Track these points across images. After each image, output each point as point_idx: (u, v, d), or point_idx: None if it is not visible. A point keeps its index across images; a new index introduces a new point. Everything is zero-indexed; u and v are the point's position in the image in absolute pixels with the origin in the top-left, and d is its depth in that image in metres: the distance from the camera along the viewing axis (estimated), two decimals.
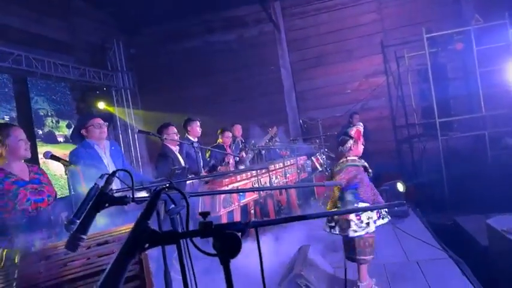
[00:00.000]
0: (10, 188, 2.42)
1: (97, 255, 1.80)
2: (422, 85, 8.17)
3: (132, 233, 0.77)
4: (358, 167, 3.45)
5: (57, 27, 7.48)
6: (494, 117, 7.07)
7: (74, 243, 1.19)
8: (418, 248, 4.41)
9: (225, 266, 0.88)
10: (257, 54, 9.16)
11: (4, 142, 2.47)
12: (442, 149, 7.22)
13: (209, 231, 0.87)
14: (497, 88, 7.06)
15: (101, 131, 3.47)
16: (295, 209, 6.06)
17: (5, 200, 2.37)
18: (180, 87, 9.41)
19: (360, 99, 8.81)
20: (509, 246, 3.59)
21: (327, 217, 3.52)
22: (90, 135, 3.44)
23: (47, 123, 6.80)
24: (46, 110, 6.81)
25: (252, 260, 1.12)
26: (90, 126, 3.44)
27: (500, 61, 6.95)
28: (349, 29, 8.83)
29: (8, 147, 2.48)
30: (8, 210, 2.37)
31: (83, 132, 3.45)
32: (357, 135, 3.57)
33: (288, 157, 6.00)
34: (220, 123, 6.69)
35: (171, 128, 4.51)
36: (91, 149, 3.41)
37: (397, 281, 3.65)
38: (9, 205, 2.39)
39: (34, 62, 6.29)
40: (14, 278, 1.60)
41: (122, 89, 9.06)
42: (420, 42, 7.31)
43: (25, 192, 2.46)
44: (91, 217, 1.22)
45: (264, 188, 4.61)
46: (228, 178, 4.20)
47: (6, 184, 2.42)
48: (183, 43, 9.65)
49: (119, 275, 0.74)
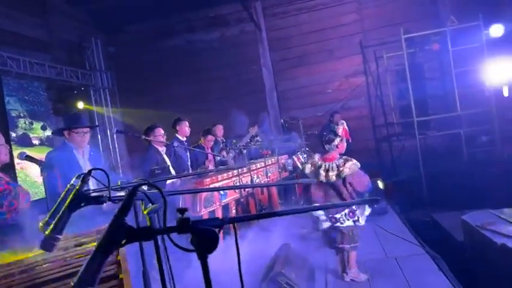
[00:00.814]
0: (9, 188, 2.38)
1: (74, 256, 1.78)
2: (400, 85, 8.35)
3: (109, 229, 0.77)
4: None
5: (33, 25, 7.29)
6: (469, 116, 7.28)
7: (50, 242, 1.17)
8: (396, 245, 4.50)
9: (203, 261, 0.88)
10: (239, 53, 9.16)
11: None
12: (420, 147, 7.38)
13: (186, 227, 0.87)
14: (472, 88, 7.26)
15: (82, 139, 3.38)
16: (277, 207, 6.09)
17: (9, 199, 2.34)
18: (161, 86, 9.32)
19: (340, 99, 8.92)
20: (484, 241, 3.70)
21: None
22: (70, 139, 3.36)
23: (20, 124, 6.48)
24: (18, 111, 6.48)
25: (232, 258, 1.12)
26: (73, 133, 3.35)
27: (475, 62, 7.15)
28: (330, 29, 8.93)
29: None
30: (11, 210, 2.34)
31: (65, 134, 3.37)
32: (344, 134, 3.65)
33: (269, 156, 6.03)
34: (202, 122, 6.66)
35: (157, 129, 4.53)
36: (69, 152, 3.33)
37: (376, 277, 3.72)
38: (13, 204, 2.35)
39: (9, 60, 6.11)
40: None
41: (101, 88, 8.90)
42: (398, 43, 7.46)
43: (22, 192, 2.43)
44: (66, 217, 1.20)
45: (245, 186, 4.62)
46: (209, 178, 4.18)
47: (4, 185, 2.37)
48: (164, 42, 9.56)
49: (96, 270, 0.74)
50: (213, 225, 0.92)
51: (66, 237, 2.05)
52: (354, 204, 3.43)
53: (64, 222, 1.18)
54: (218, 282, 1.09)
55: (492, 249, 3.46)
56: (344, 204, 3.36)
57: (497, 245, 3.39)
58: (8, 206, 2.32)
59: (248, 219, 0.97)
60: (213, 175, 4.32)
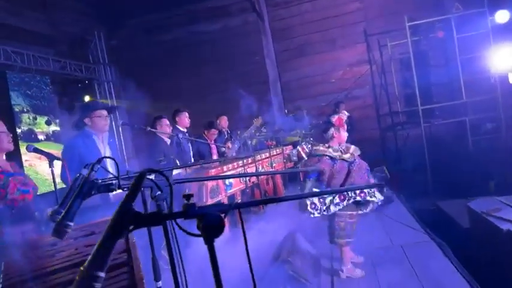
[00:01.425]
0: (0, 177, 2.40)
1: (84, 245, 1.81)
2: (405, 73, 8.29)
3: (116, 214, 0.79)
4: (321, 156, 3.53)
5: (36, 19, 7.30)
6: (474, 103, 7.22)
7: (61, 230, 1.19)
8: (402, 233, 4.52)
9: (209, 246, 0.90)
10: (241, 44, 9.13)
11: None
12: (425, 135, 7.35)
13: (193, 212, 0.89)
14: (477, 75, 7.20)
15: (105, 123, 3.40)
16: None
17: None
18: (164, 79, 9.32)
19: (344, 88, 8.88)
20: (489, 228, 3.71)
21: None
22: (93, 125, 3.35)
23: (24, 119, 6.43)
24: (21, 106, 6.43)
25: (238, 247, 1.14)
26: (96, 117, 3.35)
27: (480, 48, 7.07)
28: (332, 18, 8.86)
29: None
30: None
31: (87, 121, 3.36)
32: (339, 123, 3.63)
33: (273, 147, 6.04)
34: (205, 113, 6.67)
35: (163, 120, 4.54)
36: (89, 139, 3.34)
37: (382, 264, 3.75)
38: (1, 193, 2.36)
39: (13, 55, 6.14)
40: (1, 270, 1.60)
41: (105, 81, 8.93)
42: (402, 31, 7.38)
43: (14, 182, 2.44)
44: (77, 205, 1.23)
45: (250, 174, 4.65)
46: (214, 169, 4.21)
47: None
48: (167, 34, 9.53)
49: (105, 255, 0.76)
50: (219, 210, 0.94)
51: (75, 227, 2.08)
52: (361, 188, 3.43)
53: (75, 210, 1.21)
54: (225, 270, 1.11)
55: (498, 236, 3.47)
56: (352, 188, 3.36)
57: (503, 231, 3.40)
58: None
59: (254, 205, 0.99)
60: (219, 166, 4.35)
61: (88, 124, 3.36)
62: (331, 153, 3.51)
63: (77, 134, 3.40)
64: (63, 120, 7.11)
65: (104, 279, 0.76)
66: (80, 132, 3.39)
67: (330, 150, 3.52)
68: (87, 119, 3.36)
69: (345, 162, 3.51)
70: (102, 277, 0.75)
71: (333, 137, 3.60)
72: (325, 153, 3.50)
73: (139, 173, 0.83)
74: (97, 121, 3.35)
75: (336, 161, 3.49)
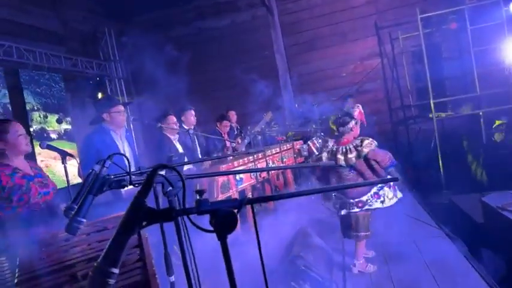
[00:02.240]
0: (22, 183, 2.42)
1: (97, 241, 1.83)
2: (417, 66, 8.16)
3: (129, 210, 0.78)
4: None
5: (47, 17, 7.36)
6: (488, 96, 7.09)
7: (74, 226, 1.20)
8: (415, 228, 4.48)
9: (222, 241, 0.89)
10: (251, 39, 9.08)
11: (3, 138, 2.45)
12: (437, 129, 7.24)
13: (205, 208, 0.88)
14: (491, 67, 7.05)
15: (123, 118, 3.43)
16: None
17: (19, 194, 2.38)
18: (174, 75, 9.32)
19: (355, 82, 8.79)
20: (504, 222, 3.65)
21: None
22: (111, 120, 3.36)
23: (35, 118, 6.41)
24: (32, 104, 6.40)
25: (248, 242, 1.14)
26: (115, 112, 3.36)
27: (495, 40, 6.92)
28: (342, 12, 8.76)
29: (8, 143, 2.46)
30: (21, 204, 2.39)
31: (105, 117, 3.37)
32: (360, 117, 3.59)
33: (284, 142, 6.02)
34: (215, 110, 6.68)
35: (170, 117, 4.58)
36: (107, 135, 3.34)
37: (395, 259, 3.72)
38: (24, 199, 2.39)
39: (25, 53, 6.20)
40: (16, 264, 1.62)
41: (116, 78, 8.98)
42: (414, 23, 7.26)
43: (35, 186, 2.47)
44: (89, 201, 1.23)
45: (260, 169, 4.64)
46: (225, 164, 4.21)
47: (17, 179, 2.41)
48: (176, 30, 9.54)
49: (118, 251, 0.76)
50: (232, 206, 0.93)
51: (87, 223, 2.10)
52: (374, 183, 3.39)
53: (87, 206, 1.21)
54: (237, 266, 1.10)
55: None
56: (365, 184, 3.32)
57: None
58: (17, 201, 2.37)
59: (266, 200, 0.98)
60: (229, 161, 4.35)
61: (106, 120, 3.36)
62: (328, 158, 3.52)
63: (93, 131, 3.41)
64: (74, 118, 7.16)
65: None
66: (96, 129, 3.39)
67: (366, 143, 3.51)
68: (106, 115, 3.36)
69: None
70: (116, 273, 0.74)
71: (351, 130, 3.55)
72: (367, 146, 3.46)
73: (152, 168, 0.83)
74: (116, 116, 3.36)
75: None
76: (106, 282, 0.73)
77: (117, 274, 0.75)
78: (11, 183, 2.37)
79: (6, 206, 2.35)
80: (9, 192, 2.34)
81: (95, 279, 0.74)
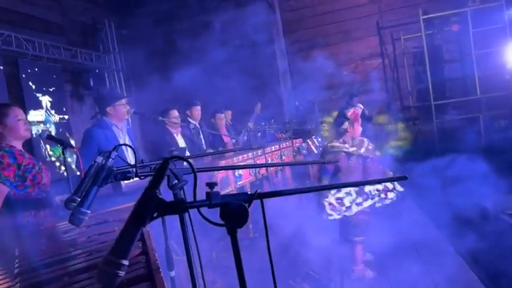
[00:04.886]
0: (33, 162, 2.39)
1: (97, 234, 1.80)
2: (418, 68, 8.16)
3: (140, 201, 0.76)
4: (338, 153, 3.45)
5: (47, 7, 7.29)
6: (489, 99, 7.10)
7: (78, 217, 1.17)
8: (414, 230, 4.46)
9: (232, 235, 0.87)
10: (252, 36, 9.03)
11: (3, 122, 2.41)
12: (437, 131, 7.25)
13: (216, 201, 0.86)
14: (492, 70, 7.07)
15: (126, 111, 3.38)
16: None
17: (33, 172, 2.35)
18: (173, 69, 9.28)
19: (356, 82, 8.78)
20: (503, 225, 3.65)
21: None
22: (115, 114, 3.31)
23: (33, 109, 6.28)
24: (30, 95, 6.27)
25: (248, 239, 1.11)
26: (119, 105, 3.31)
27: (497, 43, 6.94)
28: (345, 10, 8.73)
29: (7, 127, 2.42)
30: (34, 183, 2.36)
31: (109, 110, 3.31)
32: (354, 116, 3.55)
33: (283, 140, 6.01)
34: (215, 105, 6.66)
35: (172, 112, 4.53)
36: (108, 129, 3.28)
37: (394, 262, 3.70)
38: (37, 178, 2.37)
39: (24, 43, 6.13)
40: (15, 255, 1.59)
41: (115, 71, 8.92)
42: (416, 24, 7.26)
43: (44, 167, 2.45)
44: (94, 192, 1.21)
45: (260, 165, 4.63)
46: (224, 160, 4.19)
47: (28, 159, 2.39)
48: (176, 24, 9.48)
49: (128, 243, 0.74)
50: (243, 199, 0.91)
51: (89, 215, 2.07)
52: (381, 182, 3.36)
53: (92, 198, 1.19)
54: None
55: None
56: (371, 182, 3.28)
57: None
58: (31, 179, 2.34)
59: (278, 195, 0.96)
60: (229, 157, 4.33)
61: (110, 113, 3.31)
62: (348, 148, 3.45)
63: (94, 125, 3.36)
64: (73, 109, 7.12)
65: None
66: (97, 123, 3.34)
67: (346, 146, 3.46)
68: (110, 108, 3.31)
69: (361, 157, 3.45)
70: (125, 265, 0.72)
71: (346, 131, 3.52)
72: (341, 149, 3.43)
73: (164, 159, 0.80)
74: (119, 109, 3.31)
75: (351, 156, 3.43)
76: (116, 274, 0.71)
77: (126, 266, 0.73)
78: (25, 161, 2.34)
79: (20, 184, 2.32)
80: (24, 171, 2.32)
81: (105, 270, 0.71)
